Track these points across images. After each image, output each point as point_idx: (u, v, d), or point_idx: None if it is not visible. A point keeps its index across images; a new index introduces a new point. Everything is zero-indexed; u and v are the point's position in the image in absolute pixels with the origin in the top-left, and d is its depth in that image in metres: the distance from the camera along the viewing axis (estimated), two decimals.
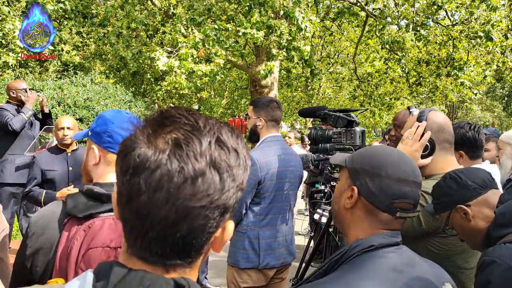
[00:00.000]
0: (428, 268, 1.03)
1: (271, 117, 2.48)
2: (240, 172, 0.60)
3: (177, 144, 0.55)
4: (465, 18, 8.41)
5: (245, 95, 17.51)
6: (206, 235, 0.59)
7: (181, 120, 0.58)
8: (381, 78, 13.20)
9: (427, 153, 1.59)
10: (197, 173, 0.54)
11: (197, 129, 0.57)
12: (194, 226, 0.56)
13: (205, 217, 0.56)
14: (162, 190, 0.54)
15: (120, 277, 0.56)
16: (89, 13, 7.52)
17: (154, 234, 0.56)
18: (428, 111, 1.65)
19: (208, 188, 0.55)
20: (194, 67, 6.49)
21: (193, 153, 0.55)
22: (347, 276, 0.93)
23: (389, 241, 0.99)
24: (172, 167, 0.54)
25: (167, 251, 0.57)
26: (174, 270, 0.59)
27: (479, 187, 1.29)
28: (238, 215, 2.39)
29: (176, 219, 0.55)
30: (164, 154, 0.54)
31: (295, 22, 6.63)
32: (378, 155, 1.04)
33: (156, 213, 0.54)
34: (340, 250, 1.02)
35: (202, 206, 0.55)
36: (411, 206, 1.02)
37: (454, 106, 24.45)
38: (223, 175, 0.56)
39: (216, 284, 4.34)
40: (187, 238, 0.56)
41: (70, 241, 1.10)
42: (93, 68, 17.20)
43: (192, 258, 0.61)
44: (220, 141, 0.58)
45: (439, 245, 1.50)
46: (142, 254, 0.58)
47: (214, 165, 0.56)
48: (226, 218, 0.61)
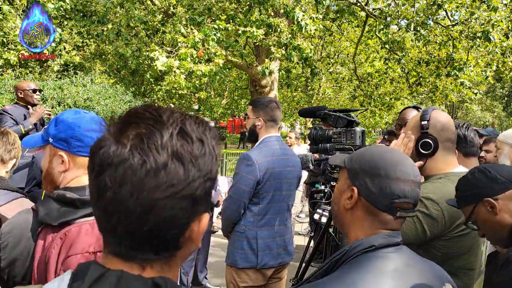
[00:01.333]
0: (428, 268, 1.03)
1: (270, 117, 2.48)
2: (207, 161, 0.60)
3: (139, 138, 0.56)
4: (465, 18, 8.41)
5: (245, 95, 17.51)
6: (178, 228, 0.59)
7: (145, 115, 0.59)
8: (381, 78, 13.21)
9: (429, 152, 1.58)
10: (159, 165, 0.55)
11: (159, 123, 0.58)
12: (162, 218, 0.56)
13: (172, 208, 0.56)
14: (126, 184, 0.55)
15: (96, 276, 0.56)
16: (88, 11, 7.52)
17: (122, 229, 0.56)
18: (431, 109, 1.64)
19: (172, 179, 0.56)
20: (193, 67, 6.49)
21: (154, 145, 0.56)
22: (347, 276, 0.93)
23: (389, 241, 0.99)
24: (134, 161, 0.55)
25: (138, 245, 0.58)
26: (151, 266, 0.60)
27: (508, 181, 1.28)
28: (236, 215, 2.39)
29: (142, 212, 0.55)
30: (126, 149, 0.55)
31: (295, 20, 6.63)
32: (377, 155, 1.04)
33: (122, 208, 0.55)
34: (340, 250, 1.02)
35: (166, 197, 0.55)
36: (411, 205, 1.02)
37: (454, 106, 24.45)
38: (187, 165, 0.57)
39: (216, 284, 4.34)
40: (155, 230, 0.57)
41: (47, 250, 1.08)
42: (93, 68, 17.19)
43: (169, 253, 0.61)
44: (183, 132, 0.59)
45: (442, 248, 1.49)
46: (116, 251, 0.59)
47: (176, 156, 0.56)
48: (199, 210, 0.61)
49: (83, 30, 9.15)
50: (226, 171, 8.86)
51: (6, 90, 7.47)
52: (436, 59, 10.60)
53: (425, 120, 1.59)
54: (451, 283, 1.05)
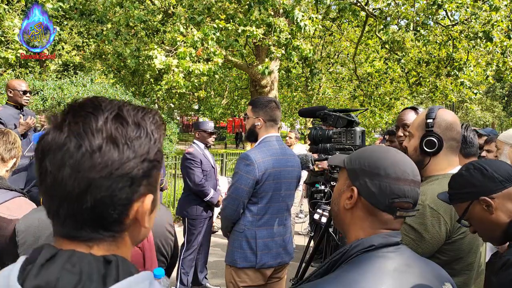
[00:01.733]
0: (427, 268, 1.03)
1: (269, 117, 2.48)
2: (143, 143, 0.63)
3: (75, 124, 0.60)
4: (465, 18, 8.40)
5: (245, 95, 17.52)
6: (119, 208, 0.61)
7: (86, 104, 0.63)
8: (381, 78, 13.21)
9: (434, 150, 1.57)
10: (94, 148, 0.58)
11: (97, 109, 0.62)
12: (99, 198, 0.59)
13: (109, 187, 0.59)
14: (64, 167, 0.58)
15: (48, 257, 0.59)
16: (87, 10, 7.52)
17: (64, 211, 0.60)
18: (437, 108, 1.63)
19: (107, 160, 0.59)
20: (191, 66, 6.49)
21: (90, 129, 0.59)
22: (347, 276, 0.93)
23: (389, 241, 0.99)
24: (71, 145, 0.58)
25: (81, 225, 0.61)
26: (98, 246, 0.62)
27: (505, 180, 1.27)
28: (235, 215, 2.39)
29: (79, 193, 0.58)
30: (64, 135, 0.59)
31: (295, 21, 6.63)
32: (376, 155, 1.04)
33: (61, 190, 0.59)
34: (340, 249, 1.02)
35: (102, 177, 0.59)
36: (410, 205, 1.02)
37: (454, 106, 24.45)
38: (121, 147, 0.60)
39: (215, 284, 4.33)
40: (94, 210, 0.60)
41: None
42: (93, 68, 17.20)
43: (114, 233, 0.63)
44: (119, 117, 0.62)
45: (446, 251, 1.48)
46: (63, 232, 0.62)
47: (110, 138, 0.60)
48: (139, 191, 0.63)
49: (83, 30, 9.14)
50: (226, 171, 8.86)
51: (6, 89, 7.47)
52: (436, 59, 10.60)
53: (430, 118, 1.58)
54: (451, 282, 1.05)
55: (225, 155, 9.32)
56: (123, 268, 0.60)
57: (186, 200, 4.10)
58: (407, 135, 1.75)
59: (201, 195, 4.02)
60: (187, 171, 4.02)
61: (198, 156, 4.06)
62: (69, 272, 0.57)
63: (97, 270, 0.59)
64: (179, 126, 22.40)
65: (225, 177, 7.08)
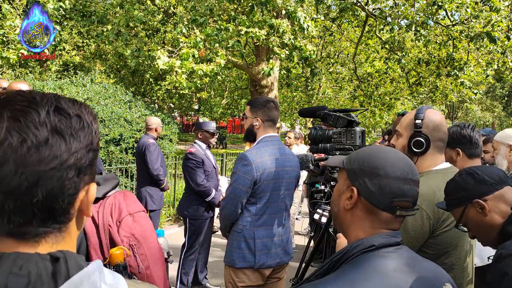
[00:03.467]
0: (428, 268, 1.03)
1: (267, 117, 2.48)
2: (87, 134, 0.64)
3: (14, 118, 0.58)
4: (465, 18, 8.40)
5: (245, 95, 17.50)
6: (68, 198, 0.62)
7: (17, 98, 0.61)
8: (381, 78, 13.21)
9: (421, 150, 1.61)
10: (40, 141, 0.58)
11: (34, 103, 0.61)
12: (50, 189, 0.59)
13: (59, 178, 0.60)
14: (8, 163, 0.56)
15: None
16: (87, 11, 7.53)
17: (10, 206, 0.58)
18: (426, 108, 1.67)
19: (56, 151, 0.59)
20: (194, 67, 6.50)
21: (32, 123, 0.58)
22: (347, 276, 0.94)
23: (390, 241, 1.00)
24: (13, 139, 0.57)
25: (29, 219, 0.60)
26: (45, 241, 0.62)
27: (496, 182, 1.31)
28: (233, 215, 2.39)
29: (29, 186, 0.57)
30: (3, 130, 0.57)
31: (297, 21, 6.63)
32: (375, 154, 1.05)
33: (7, 185, 0.57)
34: (341, 250, 1.02)
35: (52, 168, 0.58)
36: (410, 204, 1.02)
37: (454, 106, 24.45)
38: (68, 138, 0.61)
39: (216, 284, 4.34)
40: (45, 201, 0.59)
41: (94, 218, 1.27)
42: (93, 68, 17.20)
43: (60, 224, 0.63)
44: (60, 109, 0.62)
45: (432, 245, 1.52)
46: (8, 231, 0.60)
47: (56, 130, 0.60)
48: (85, 180, 0.65)
49: (83, 30, 9.14)
50: (226, 171, 8.86)
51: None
52: (436, 59, 10.60)
53: (419, 118, 1.63)
54: (451, 282, 1.05)
55: (225, 155, 9.32)
56: (71, 263, 0.60)
57: (187, 200, 4.10)
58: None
59: (203, 196, 4.02)
60: (189, 171, 4.02)
61: (200, 156, 4.06)
62: (17, 275, 0.56)
63: (46, 269, 0.58)
64: (179, 126, 22.41)
65: (225, 177, 7.08)
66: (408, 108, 13.96)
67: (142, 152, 4.62)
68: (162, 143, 7.22)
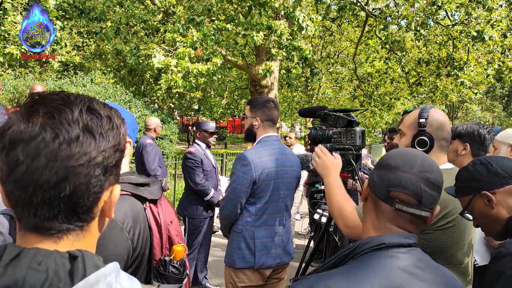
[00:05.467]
0: (439, 273, 1.00)
1: (267, 117, 2.48)
2: (115, 135, 0.66)
3: (49, 115, 0.60)
4: (464, 18, 8.41)
5: (245, 95, 17.49)
6: (92, 196, 0.63)
7: (52, 97, 0.64)
8: (381, 78, 13.21)
9: (425, 150, 1.61)
10: (72, 137, 0.60)
11: (68, 102, 0.63)
12: (77, 185, 0.61)
13: (87, 175, 0.61)
14: (39, 157, 0.58)
15: (12, 256, 0.58)
16: (86, 8, 7.52)
17: (38, 199, 0.59)
18: (429, 108, 1.67)
19: (85, 148, 0.61)
20: (190, 66, 6.50)
21: (66, 120, 0.60)
22: (354, 272, 0.94)
23: (401, 241, 0.98)
24: (46, 135, 0.59)
25: (54, 214, 0.61)
26: (66, 238, 0.63)
27: (509, 176, 1.29)
28: (233, 215, 2.39)
29: (57, 180, 0.59)
30: (37, 126, 0.59)
31: (296, 21, 6.63)
32: (394, 151, 1.09)
33: (37, 178, 0.58)
34: (350, 245, 1.02)
35: (81, 164, 0.60)
36: (410, 198, 0.99)
37: (454, 106, 24.45)
38: (98, 137, 0.63)
39: (215, 284, 4.34)
40: (72, 197, 0.61)
41: (155, 218, 1.33)
42: (93, 68, 17.19)
43: (83, 222, 0.64)
44: (92, 109, 0.64)
45: (424, 242, 1.50)
46: (31, 225, 0.62)
47: (87, 129, 0.62)
48: (110, 180, 0.66)
49: (83, 30, 9.13)
50: (226, 171, 8.85)
51: (6, 89, 7.47)
52: (436, 59, 10.60)
53: (423, 118, 1.63)
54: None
55: (225, 155, 9.32)
56: (89, 262, 0.61)
57: (187, 200, 4.11)
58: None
59: (201, 195, 4.02)
60: (188, 171, 4.03)
61: (199, 155, 4.06)
62: (36, 270, 0.57)
63: (63, 266, 0.59)
64: (179, 126, 22.39)
65: (225, 177, 7.08)
66: (408, 108, 13.94)
67: (139, 152, 4.65)
68: (162, 143, 7.21)
